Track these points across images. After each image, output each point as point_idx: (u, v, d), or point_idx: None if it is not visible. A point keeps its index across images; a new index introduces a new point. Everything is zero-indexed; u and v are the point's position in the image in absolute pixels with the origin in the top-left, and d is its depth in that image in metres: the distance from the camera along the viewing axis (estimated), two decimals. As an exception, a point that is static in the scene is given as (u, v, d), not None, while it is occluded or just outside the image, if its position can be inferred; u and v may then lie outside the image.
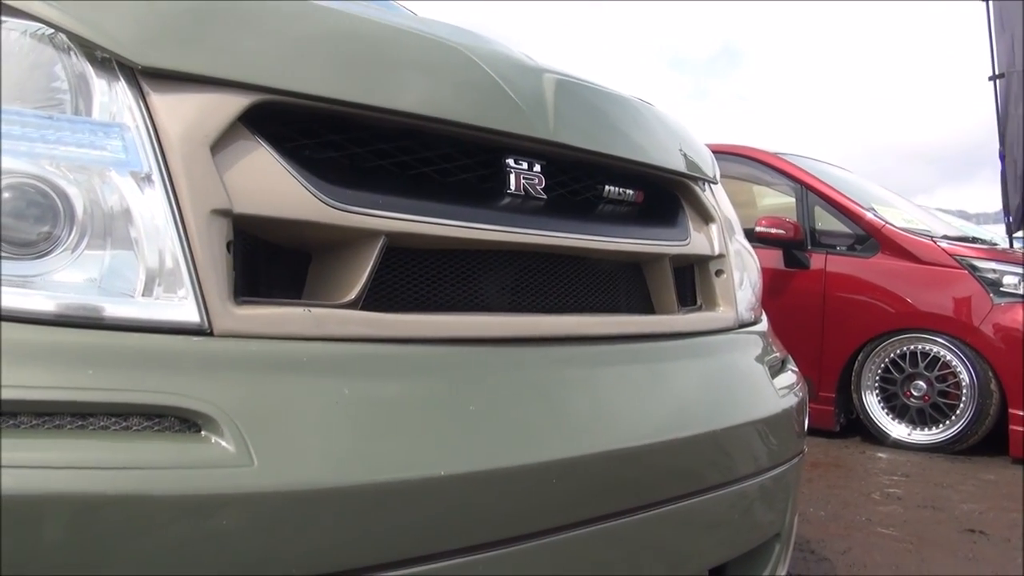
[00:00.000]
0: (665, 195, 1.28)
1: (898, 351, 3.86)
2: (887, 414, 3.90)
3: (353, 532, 0.68)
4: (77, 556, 0.58)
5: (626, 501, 0.91)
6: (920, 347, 3.80)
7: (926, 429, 3.81)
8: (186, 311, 0.69)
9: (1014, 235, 5.93)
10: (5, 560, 0.56)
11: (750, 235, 1.55)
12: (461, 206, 0.92)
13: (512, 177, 0.98)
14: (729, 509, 1.09)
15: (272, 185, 0.77)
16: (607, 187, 1.15)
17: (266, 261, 0.82)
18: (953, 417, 3.73)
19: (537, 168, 1.01)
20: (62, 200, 0.67)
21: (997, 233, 6.13)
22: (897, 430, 3.86)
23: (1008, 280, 3.70)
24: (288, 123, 0.82)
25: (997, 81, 5.96)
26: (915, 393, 3.82)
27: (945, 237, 4.09)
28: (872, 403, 3.93)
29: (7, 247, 0.64)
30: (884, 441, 3.86)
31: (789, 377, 1.31)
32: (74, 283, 0.66)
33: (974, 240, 4.32)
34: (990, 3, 5.98)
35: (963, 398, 3.69)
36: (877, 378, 3.92)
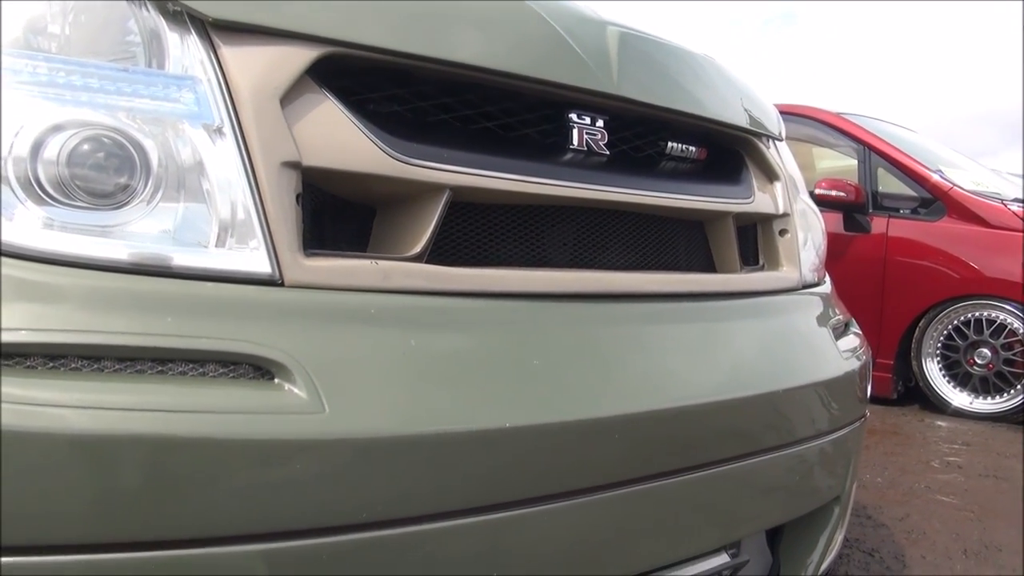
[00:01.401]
0: (729, 152, 1.25)
1: (962, 318, 3.74)
2: (948, 382, 3.80)
3: (419, 480, 0.69)
4: (156, 494, 0.60)
5: (685, 459, 0.90)
6: (986, 314, 3.68)
7: (989, 398, 3.70)
8: (258, 262, 0.71)
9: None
10: (89, 497, 0.58)
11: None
12: (524, 161, 0.91)
13: (575, 132, 0.97)
14: (788, 471, 1.08)
15: (339, 138, 0.77)
16: (670, 143, 1.13)
17: (332, 214, 0.83)
18: (1019, 386, 3.62)
19: (600, 123, 0.99)
20: (138, 152, 0.68)
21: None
22: (959, 398, 3.76)
23: (1083, 246, 3.55)
24: (353, 76, 0.82)
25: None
26: (979, 361, 3.71)
27: (1016, 200, 3.92)
28: (933, 371, 3.83)
29: (87, 197, 0.66)
30: (944, 409, 3.77)
31: (852, 340, 1.28)
32: (150, 233, 0.68)
33: (1047, 204, 4.15)
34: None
35: (1030, 367, 3.57)
36: (939, 345, 3.81)
